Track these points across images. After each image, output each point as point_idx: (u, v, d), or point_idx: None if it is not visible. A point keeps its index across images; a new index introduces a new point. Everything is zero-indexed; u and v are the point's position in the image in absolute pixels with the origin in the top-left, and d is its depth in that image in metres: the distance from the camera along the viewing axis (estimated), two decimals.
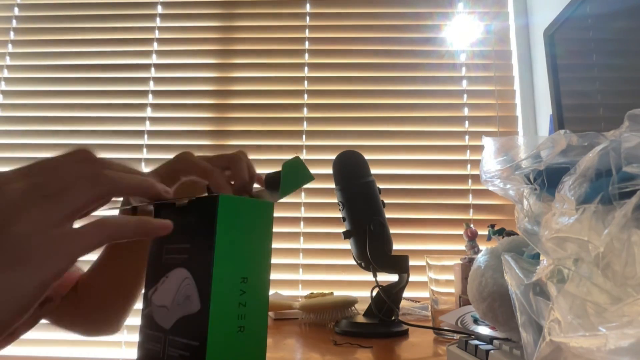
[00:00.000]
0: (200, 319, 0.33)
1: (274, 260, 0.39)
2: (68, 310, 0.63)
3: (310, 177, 0.44)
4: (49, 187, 0.27)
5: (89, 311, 0.64)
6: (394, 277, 0.76)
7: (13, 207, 0.26)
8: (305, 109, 1.47)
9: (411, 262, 0.77)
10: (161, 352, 0.34)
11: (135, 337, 0.38)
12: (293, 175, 0.43)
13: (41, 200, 0.27)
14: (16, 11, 1.57)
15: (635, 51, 0.65)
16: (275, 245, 0.39)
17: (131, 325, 1.24)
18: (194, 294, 0.33)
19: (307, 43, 1.51)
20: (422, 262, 0.75)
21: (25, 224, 0.26)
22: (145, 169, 1.37)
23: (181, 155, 0.46)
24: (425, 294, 1.04)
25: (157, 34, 1.54)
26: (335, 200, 0.79)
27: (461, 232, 1.12)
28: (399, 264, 0.76)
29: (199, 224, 0.34)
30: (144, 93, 1.50)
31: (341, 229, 0.79)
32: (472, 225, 1.11)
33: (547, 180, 0.34)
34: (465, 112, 1.44)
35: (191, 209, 0.37)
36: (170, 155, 0.46)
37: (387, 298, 0.73)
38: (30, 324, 0.61)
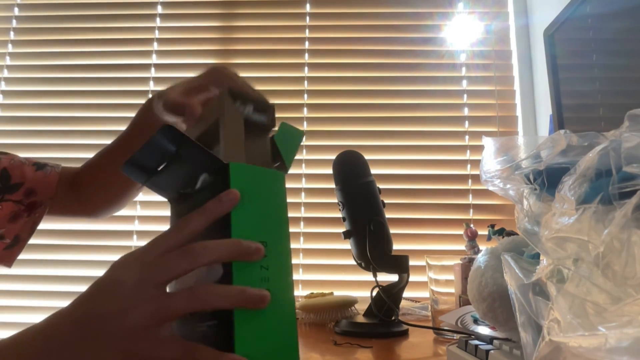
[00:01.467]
0: (224, 282, 0.33)
1: None
2: (68, 204, 0.67)
3: (302, 133, 0.45)
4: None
5: (89, 203, 0.68)
6: (394, 277, 0.76)
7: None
8: (305, 109, 1.47)
9: (411, 262, 0.77)
10: (188, 328, 0.35)
11: None
12: (289, 142, 0.43)
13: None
14: (16, 11, 1.57)
15: (635, 51, 0.65)
16: None
17: None
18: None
19: (307, 43, 1.51)
20: (422, 262, 0.75)
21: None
22: None
23: (217, 67, 0.50)
24: (425, 294, 1.04)
25: (157, 34, 1.54)
26: (335, 200, 0.80)
27: (461, 232, 1.12)
28: (399, 264, 0.76)
29: (214, 195, 0.34)
30: (144, 93, 1.49)
31: (341, 229, 0.79)
32: (472, 225, 1.11)
33: (547, 180, 0.34)
34: (465, 112, 1.44)
35: (205, 187, 0.38)
36: None
37: (387, 298, 0.73)
38: (30, 229, 0.64)
